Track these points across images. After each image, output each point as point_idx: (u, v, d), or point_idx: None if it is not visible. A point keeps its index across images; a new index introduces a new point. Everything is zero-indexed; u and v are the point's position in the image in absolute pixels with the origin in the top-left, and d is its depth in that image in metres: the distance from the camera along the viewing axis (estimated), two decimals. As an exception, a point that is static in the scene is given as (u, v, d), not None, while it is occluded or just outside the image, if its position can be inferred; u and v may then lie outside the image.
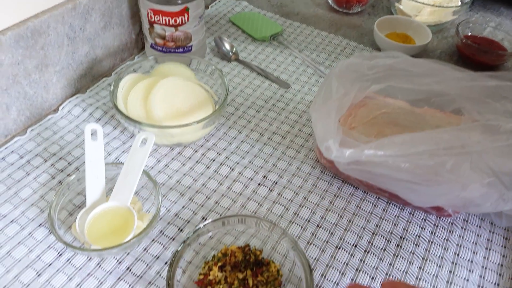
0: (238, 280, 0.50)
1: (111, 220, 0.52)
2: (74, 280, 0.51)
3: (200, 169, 0.65)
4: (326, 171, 0.65)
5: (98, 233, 0.51)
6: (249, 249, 0.53)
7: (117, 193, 0.53)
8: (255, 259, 0.52)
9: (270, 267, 0.51)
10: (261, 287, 0.49)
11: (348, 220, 0.59)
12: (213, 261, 0.52)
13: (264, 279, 0.50)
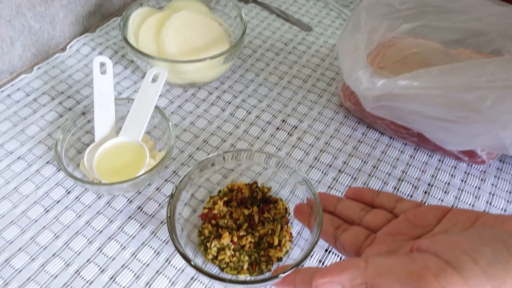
0: (243, 216, 0.47)
1: (122, 156, 0.49)
2: (83, 218, 0.48)
3: (215, 111, 0.61)
4: (350, 116, 0.61)
5: (108, 169, 0.48)
6: (256, 186, 0.50)
7: (127, 128, 0.50)
8: (262, 196, 0.49)
9: (277, 205, 0.48)
10: (268, 224, 0.46)
11: (372, 166, 0.56)
12: (218, 195, 0.49)
13: (271, 216, 0.47)
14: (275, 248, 0.45)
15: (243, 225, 0.46)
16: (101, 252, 0.46)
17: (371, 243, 0.38)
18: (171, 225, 0.41)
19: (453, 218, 0.35)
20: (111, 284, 0.43)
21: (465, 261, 0.28)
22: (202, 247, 0.45)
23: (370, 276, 0.30)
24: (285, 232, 0.46)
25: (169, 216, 0.42)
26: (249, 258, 0.44)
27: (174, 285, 0.44)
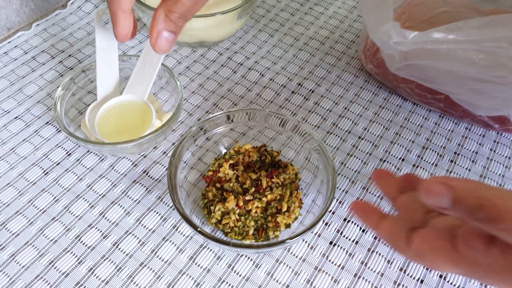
0: (250, 180, 0.44)
1: (126, 115, 0.46)
2: (85, 181, 0.45)
3: (226, 73, 0.57)
4: (371, 80, 0.57)
5: (111, 129, 0.45)
6: (265, 149, 0.46)
7: (132, 86, 0.46)
8: (271, 160, 0.45)
9: (287, 170, 0.45)
10: (276, 190, 0.43)
11: (395, 133, 0.52)
12: (224, 158, 0.46)
13: (280, 181, 0.44)
14: (284, 214, 0.42)
15: (250, 189, 0.43)
16: (104, 217, 0.42)
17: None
18: (172, 186, 0.38)
19: None
20: (114, 251, 0.40)
21: None
22: (205, 210, 0.42)
23: None
24: (295, 198, 0.43)
25: (170, 178, 0.38)
26: (255, 223, 0.41)
27: (182, 253, 0.41)
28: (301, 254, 0.41)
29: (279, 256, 0.41)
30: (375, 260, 0.41)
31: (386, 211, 0.45)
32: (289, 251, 0.41)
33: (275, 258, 0.41)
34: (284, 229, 0.42)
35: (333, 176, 0.40)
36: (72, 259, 0.40)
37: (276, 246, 0.36)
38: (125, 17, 0.39)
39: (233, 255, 0.41)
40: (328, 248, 0.42)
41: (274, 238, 0.41)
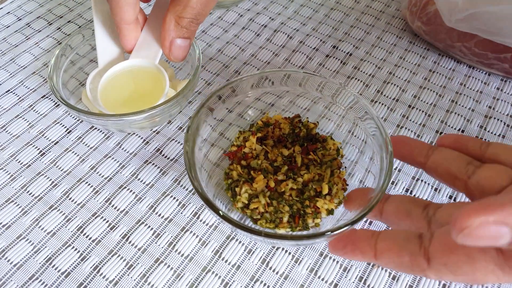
0: (282, 156, 0.36)
1: (134, 83, 0.38)
2: (88, 162, 0.38)
3: (248, 36, 0.49)
4: (417, 41, 0.49)
5: (116, 98, 0.38)
6: (299, 120, 0.39)
7: (140, 49, 0.39)
8: (307, 133, 0.38)
9: (327, 144, 0.37)
10: (314, 168, 0.36)
11: (450, 100, 0.44)
12: (250, 130, 0.38)
13: (318, 158, 0.36)
14: (325, 197, 0.34)
15: (282, 167, 0.35)
16: (111, 205, 0.36)
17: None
18: (190, 164, 0.31)
19: None
20: (123, 244, 0.33)
21: None
22: (229, 192, 0.35)
23: None
24: (337, 178, 0.35)
25: (187, 153, 0.31)
26: (290, 208, 0.34)
27: (205, 246, 0.34)
28: (349, 246, 0.34)
29: (324, 249, 0.34)
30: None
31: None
32: (334, 242, 0.34)
33: (318, 251, 0.34)
34: (325, 216, 0.34)
35: (388, 153, 0.32)
36: (74, 255, 0.33)
37: (318, 237, 0.28)
38: (129, 28, 0.37)
39: (267, 248, 0.34)
40: (381, 237, 0.34)
41: (314, 226, 0.34)
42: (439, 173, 0.29)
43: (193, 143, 0.32)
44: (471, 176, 0.27)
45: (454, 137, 0.30)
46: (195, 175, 0.30)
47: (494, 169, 0.26)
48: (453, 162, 0.28)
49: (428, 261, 0.24)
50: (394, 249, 0.25)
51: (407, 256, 0.24)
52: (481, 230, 0.19)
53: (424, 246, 0.24)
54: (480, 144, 0.29)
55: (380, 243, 0.25)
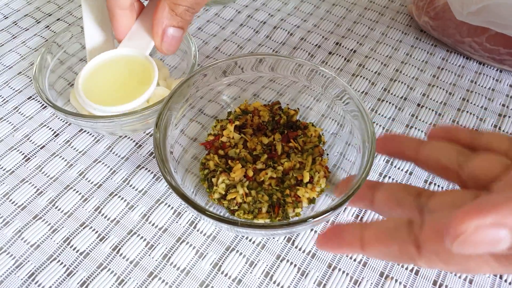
0: (262, 145, 0.35)
1: (120, 73, 0.35)
2: (76, 168, 0.35)
3: (247, 33, 0.47)
4: (423, 38, 0.46)
5: (101, 89, 0.34)
6: (279, 107, 0.37)
7: (132, 38, 0.36)
8: (287, 120, 0.36)
9: (308, 131, 0.35)
10: (294, 156, 0.34)
11: (461, 98, 0.41)
12: (227, 119, 0.36)
13: (299, 145, 0.34)
14: (306, 186, 0.32)
15: (262, 156, 0.34)
16: (100, 213, 0.33)
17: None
18: (160, 153, 0.29)
19: None
20: (114, 257, 0.31)
21: None
22: (205, 183, 0.33)
23: None
24: (319, 166, 0.34)
25: (157, 144, 0.29)
26: (270, 198, 0.32)
27: (203, 258, 0.31)
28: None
29: (332, 259, 0.31)
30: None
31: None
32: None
33: (326, 263, 0.31)
34: (307, 205, 0.32)
35: (371, 138, 0.29)
36: (60, 270, 0.30)
37: (299, 224, 0.26)
38: (124, 14, 0.34)
39: (271, 260, 0.31)
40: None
41: (295, 216, 0.32)
42: (430, 166, 0.28)
43: (164, 133, 0.30)
44: (463, 166, 0.26)
45: (445, 128, 0.29)
46: (167, 168, 0.28)
47: (486, 158, 0.25)
48: (443, 153, 0.27)
49: (419, 249, 0.22)
50: (381, 238, 0.24)
51: (395, 245, 0.23)
52: (478, 235, 0.17)
53: (414, 233, 0.22)
54: (472, 134, 0.27)
55: (367, 233, 0.24)
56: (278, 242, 0.32)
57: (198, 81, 0.34)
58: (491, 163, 0.25)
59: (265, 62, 0.35)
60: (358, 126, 0.32)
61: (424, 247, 0.22)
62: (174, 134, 0.33)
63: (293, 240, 0.32)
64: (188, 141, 0.35)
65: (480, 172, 0.25)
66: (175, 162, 0.32)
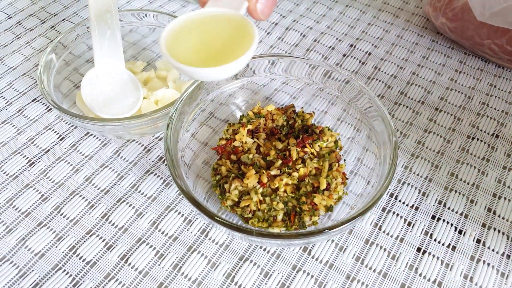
0: (276, 150, 0.33)
1: (214, 31, 0.27)
2: (82, 173, 0.34)
3: (258, 35, 0.45)
4: (440, 40, 0.45)
5: (190, 48, 0.27)
6: (293, 111, 0.35)
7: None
8: (302, 124, 0.34)
9: (324, 136, 0.34)
10: (310, 162, 0.32)
11: (480, 102, 0.40)
12: (240, 123, 0.35)
13: (315, 151, 0.33)
14: (323, 193, 0.31)
15: (276, 162, 0.32)
16: (108, 221, 0.31)
17: None
18: (171, 158, 0.27)
19: None
20: (122, 266, 0.29)
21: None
22: (217, 190, 0.32)
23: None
24: (336, 172, 0.32)
25: (168, 148, 0.28)
26: (285, 205, 0.30)
27: (215, 268, 0.29)
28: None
29: (321, 253, 0.30)
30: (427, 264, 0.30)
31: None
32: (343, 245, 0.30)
33: (345, 274, 0.30)
34: (324, 213, 0.31)
35: (395, 152, 0.28)
36: (65, 280, 0.29)
37: (316, 236, 0.25)
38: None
39: (286, 271, 0.30)
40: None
41: (312, 225, 0.30)
42: None
43: (175, 136, 0.29)
44: None
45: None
46: (178, 173, 0.27)
47: None
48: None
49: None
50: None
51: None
52: None
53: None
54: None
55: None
56: (294, 252, 0.30)
57: (208, 84, 0.33)
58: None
59: (278, 63, 0.34)
60: (378, 130, 0.30)
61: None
62: (185, 138, 0.32)
63: (309, 250, 0.30)
64: (199, 146, 0.34)
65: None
66: (186, 167, 0.31)
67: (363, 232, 0.31)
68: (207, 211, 0.25)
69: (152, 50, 0.42)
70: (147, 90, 0.36)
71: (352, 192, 0.32)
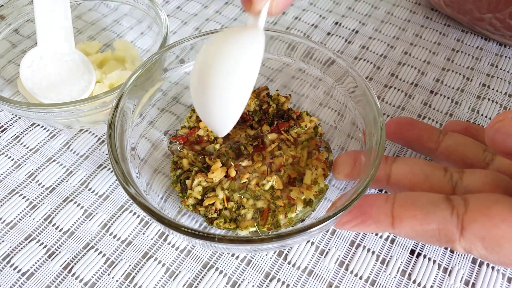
0: (247, 138, 0.29)
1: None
2: (24, 168, 0.29)
3: (232, 12, 0.41)
4: (435, 17, 0.41)
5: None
6: (267, 94, 0.31)
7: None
8: (277, 109, 0.30)
9: (302, 122, 0.29)
10: (286, 150, 0.28)
11: (480, 84, 0.36)
12: None
13: (292, 138, 0.29)
14: (301, 185, 0.27)
15: (248, 148, 0.28)
16: (51, 224, 0.27)
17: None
18: (115, 151, 0.23)
19: None
20: (65, 277, 0.25)
21: None
22: (178, 187, 0.27)
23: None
24: (316, 160, 0.28)
25: (111, 139, 0.23)
26: (256, 201, 0.26)
27: (175, 278, 0.25)
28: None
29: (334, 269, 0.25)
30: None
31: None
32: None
33: (326, 281, 0.25)
34: (302, 208, 0.26)
35: (380, 127, 0.24)
36: (-4, 294, 0.24)
37: (294, 236, 0.20)
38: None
39: (257, 280, 0.25)
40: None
41: (287, 223, 0.26)
42: (452, 159, 0.26)
43: (121, 125, 0.24)
44: (490, 163, 0.25)
45: (464, 125, 0.28)
46: (125, 168, 0.23)
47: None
48: (469, 148, 0.26)
49: (462, 231, 0.20)
50: (417, 216, 0.21)
51: (434, 223, 0.21)
52: (509, 125, 0.20)
53: (457, 212, 0.21)
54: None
55: (399, 209, 0.22)
56: (267, 257, 0.26)
57: (169, 62, 0.28)
58: None
59: None
60: (363, 114, 0.26)
61: (469, 229, 0.20)
62: (139, 127, 0.27)
63: (285, 255, 0.26)
64: (158, 136, 0.29)
65: (508, 170, 0.24)
66: (140, 161, 0.26)
67: (348, 233, 0.27)
68: (160, 217, 0.21)
69: (112, 30, 0.38)
70: (101, 73, 0.32)
71: (335, 186, 0.27)
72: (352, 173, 0.25)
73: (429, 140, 0.27)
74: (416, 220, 0.21)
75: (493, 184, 0.23)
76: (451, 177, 0.24)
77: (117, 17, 0.38)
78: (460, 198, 0.22)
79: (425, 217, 0.21)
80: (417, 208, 0.22)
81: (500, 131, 0.20)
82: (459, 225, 0.21)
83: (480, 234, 0.20)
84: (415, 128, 0.28)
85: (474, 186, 0.23)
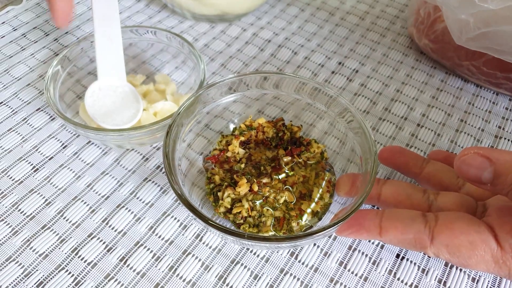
0: (266, 159, 0.36)
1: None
2: (84, 179, 0.36)
3: (252, 51, 0.48)
4: (423, 59, 0.48)
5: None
6: (283, 124, 0.38)
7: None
8: (290, 136, 0.37)
9: (311, 147, 0.36)
10: (298, 171, 0.35)
11: (459, 119, 0.43)
12: (233, 134, 0.37)
13: (302, 161, 0.36)
14: (310, 199, 0.34)
15: (267, 168, 0.35)
16: (108, 225, 0.33)
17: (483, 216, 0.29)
18: (169, 165, 0.30)
19: None
20: (121, 268, 0.31)
21: None
22: (211, 197, 0.34)
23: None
24: (322, 180, 0.35)
25: (166, 155, 0.30)
26: (274, 211, 0.33)
27: (209, 271, 0.32)
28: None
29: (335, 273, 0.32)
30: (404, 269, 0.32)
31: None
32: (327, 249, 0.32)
33: (328, 277, 0.32)
34: (310, 218, 0.33)
35: (372, 153, 0.31)
36: (68, 279, 0.31)
37: (302, 239, 0.27)
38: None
39: (275, 273, 0.32)
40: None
41: (299, 230, 0.33)
42: (432, 183, 0.33)
43: (173, 146, 0.31)
44: (461, 188, 0.32)
45: (444, 154, 0.36)
46: (175, 179, 0.30)
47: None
48: (445, 174, 0.33)
49: (432, 240, 0.27)
50: (399, 227, 0.28)
51: (412, 234, 0.28)
52: (472, 158, 0.26)
53: (429, 225, 0.28)
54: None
55: (385, 222, 0.29)
56: (281, 256, 0.32)
57: (205, 97, 0.35)
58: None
59: (270, 79, 0.37)
60: (360, 143, 0.33)
61: (437, 239, 0.27)
62: (182, 148, 0.34)
63: (296, 254, 0.33)
64: (194, 155, 0.36)
65: (475, 193, 0.32)
66: (182, 175, 0.33)
67: (347, 239, 0.33)
68: (202, 216, 0.27)
69: (151, 64, 0.45)
70: (146, 102, 0.39)
71: (337, 202, 0.34)
72: (351, 191, 0.32)
73: (414, 166, 0.34)
74: (397, 231, 0.28)
75: (459, 204, 0.30)
76: (428, 197, 0.31)
77: (154, 52, 0.45)
78: (433, 214, 0.29)
79: (404, 228, 0.28)
80: (399, 221, 0.29)
81: (465, 163, 0.27)
82: (430, 235, 0.28)
83: (445, 243, 0.27)
84: (404, 155, 0.35)
85: (445, 205, 0.30)
